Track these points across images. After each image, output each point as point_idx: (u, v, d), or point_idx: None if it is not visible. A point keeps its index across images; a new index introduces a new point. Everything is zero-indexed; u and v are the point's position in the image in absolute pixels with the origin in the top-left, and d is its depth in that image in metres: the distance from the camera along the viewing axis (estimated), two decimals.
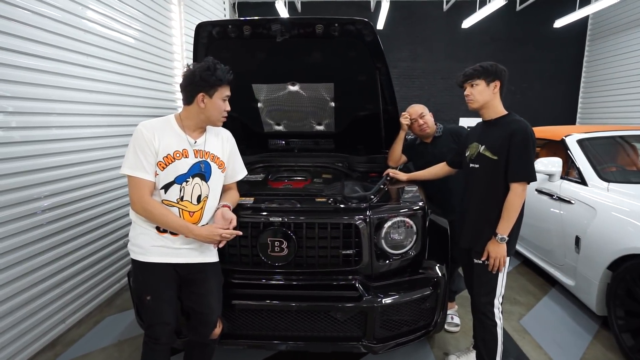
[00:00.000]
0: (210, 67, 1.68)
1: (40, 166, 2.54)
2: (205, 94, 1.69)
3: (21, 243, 2.40)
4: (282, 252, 2.03)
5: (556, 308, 3.15)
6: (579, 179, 3.16)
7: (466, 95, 2.09)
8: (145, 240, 1.73)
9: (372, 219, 2.06)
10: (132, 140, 1.67)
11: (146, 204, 1.65)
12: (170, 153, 1.69)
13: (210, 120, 1.77)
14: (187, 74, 1.69)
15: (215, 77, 1.67)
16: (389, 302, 1.98)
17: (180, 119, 1.76)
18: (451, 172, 2.46)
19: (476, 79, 2.04)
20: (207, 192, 1.79)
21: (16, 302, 2.37)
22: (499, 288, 2.07)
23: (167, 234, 1.74)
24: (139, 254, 1.74)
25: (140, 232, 1.75)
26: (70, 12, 2.76)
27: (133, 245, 1.77)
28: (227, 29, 2.32)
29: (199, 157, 1.77)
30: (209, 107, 1.72)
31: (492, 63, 2.05)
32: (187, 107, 1.75)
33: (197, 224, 1.76)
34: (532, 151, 1.97)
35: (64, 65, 2.71)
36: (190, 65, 1.72)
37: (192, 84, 1.68)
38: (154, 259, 1.73)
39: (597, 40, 7.27)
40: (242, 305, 2.01)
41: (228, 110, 1.79)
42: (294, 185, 2.61)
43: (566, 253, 3.08)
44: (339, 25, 2.26)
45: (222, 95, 1.73)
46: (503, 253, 2.00)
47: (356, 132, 3.03)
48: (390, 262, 2.13)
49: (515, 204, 1.97)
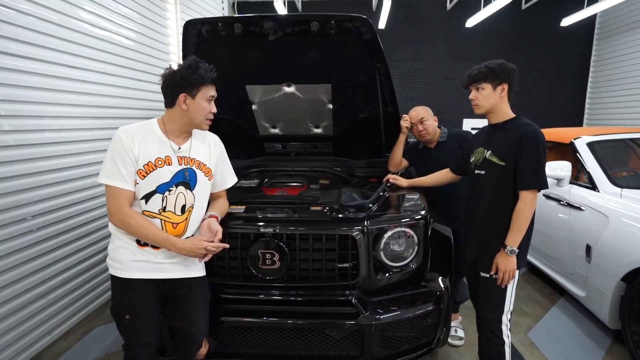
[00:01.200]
0: (191, 65, 1.56)
1: (30, 170, 2.46)
2: (187, 94, 1.57)
3: (6, 251, 2.30)
4: (274, 265, 1.90)
5: (566, 320, 3.01)
6: (589, 184, 3.01)
7: (471, 99, 1.96)
8: (125, 255, 1.61)
9: (370, 229, 1.92)
10: (110, 147, 1.55)
11: (125, 216, 1.53)
12: (151, 160, 1.57)
13: (194, 123, 1.64)
14: (168, 75, 1.58)
15: (197, 75, 1.55)
16: (388, 320, 1.85)
17: (163, 123, 1.64)
18: (455, 179, 2.33)
19: (482, 82, 1.90)
20: (193, 202, 1.67)
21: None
22: (508, 303, 1.94)
23: (148, 247, 1.61)
24: (117, 270, 1.62)
25: (119, 245, 1.62)
26: (60, 12, 2.67)
27: (112, 259, 1.64)
28: (217, 27, 2.19)
29: (183, 165, 1.64)
30: (192, 109, 1.59)
31: (500, 62, 1.91)
32: (169, 110, 1.63)
33: (181, 236, 1.64)
34: (543, 157, 1.84)
35: (54, 67, 2.62)
36: (172, 65, 1.61)
37: (173, 85, 1.56)
38: (134, 274, 1.60)
39: (605, 39, 7.09)
40: (231, 322, 1.88)
41: (214, 112, 1.66)
42: (289, 192, 2.48)
43: (576, 262, 2.93)
44: (335, 22, 2.13)
45: (205, 96, 1.60)
46: (513, 266, 1.86)
47: (355, 135, 2.90)
48: (390, 275, 2.00)
49: (525, 213, 1.83)
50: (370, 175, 2.94)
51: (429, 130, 2.58)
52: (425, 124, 2.56)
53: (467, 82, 1.95)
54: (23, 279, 2.44)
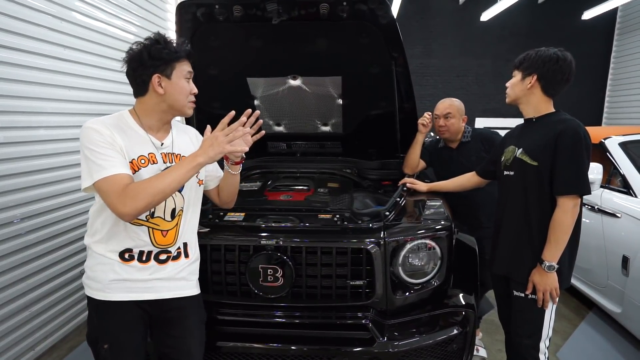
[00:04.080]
0: (159, 40, 1.32)
1: (19, 170, 2.30)
2: (161, 75, 1.32)
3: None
4: (277, 282, 1.66)
5: (597, 337, 2.73)
6: (624, 188, 2.74)
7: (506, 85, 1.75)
8: (104, 273, 1.34)
9: (387, 242, 1.67)
10: (85, 144, 1.25)
11: (136, 193, 1.20)
12: (134, 158, 1.31)
13: (176, 108, 1.38)
14: (133, 56, 1.32)
15: (169, 50, 1.31)
16: (407, 348, 1.60)
17: (137, 116, 1.38)
18: (481, 183, 2.08)
19: (515, 68, 1.73)
20: (182, 204, 1.43)
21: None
22: (547, 328, 1.68)
23: (134, 262, 1.35)
24: (95, 290, 1.36)
25: (97, 261, 1.36)
26: (51, 1, 2.48)
27: (89, 278, 1.38)
28: (214, 10, 1.95)
29: (169, 162, 1.40)
30: (171, 91, 1.34)
31: (538, 50, 1.68)
32: (141, 99, 1.38)
33: (172, 245, 1.40)
34: (586, 157, 1.60)
35: (40, 58, 2.43)
36: (132, 47, 1.34)
37: (142, 66, 1.30)
38: (116, 296, 1.35)
39: (627, 35, 6.78)
40: (228, 347, 1.63)
41: (195, 92, 1.41)
42: (294, 197, 2.23)
43: (609, 274, 2.66)
44: (347, 4, 1.87)
45: (182, 73, 1.36)
46: (554, 284, 1.61)
47: (367, 133, 2.64)
48: (410, 294, 1.74)
49: (564, 223, 1.58)
50: (383, 177, 2.69)
51: (450, 128, 2.34)
52: (450, 122, 2.33)
53: (513, 67, 1.78)
54: (4, 288, 2.24)
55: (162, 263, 1.39)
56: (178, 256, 1.43)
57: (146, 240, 1.35)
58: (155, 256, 1.38)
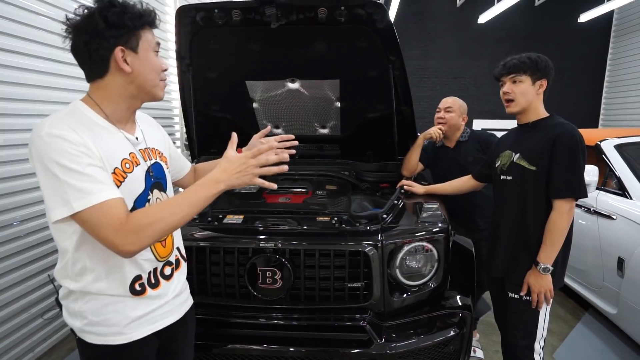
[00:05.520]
0: (114, 2, 0.99)
1: (20, 172, 2.30)
2: (124, 47, 1.00)
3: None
4: (275, 284, 1.67)
5: (593, 338, 2.76)
6: (619, 190, 2.76)
7: (504, 93, 1.72)
8: (119, 313, 1.07)
9: (384, 244, 1.69)
10: (55, 158, 0.91)
11: (137, 223, 0.94)
12: (117, 166, 1.03)
13: (146, 90, 1.08)
14: (81, 24, 0.98)
15: (131, 14, 1.00)
16: (404, 349, 1.61)
17: (98, 106, 1.05)
18: (477, 186, 2.10)
19: (521, 73, 1.67)
20: None
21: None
22: (541, 329, 1.71)
23: (149, 292, 1.12)
24: (110, 336, 1.07)
25: (103, 303, 1.06)
26: (50, 3, 2.48)
27: (93, 325, 1.06)
28: (213, 14, 1.96)
29: (149, 160, 1.16)
30: (139, 69, 1.03)
31: (542, 56, 1.69)
32: (100, 82, 1.04)
33: (170, 254, 1.21)
34: (582, 161, 1.61)
35: (39, 61, 2.43)
36: (76, 13, 0.99)
37: (97, 37, 0.97)
38: (138, 334, 1.10)
39: (623, 37, 6.81)
40: (224, 350, 1.64)
41: (166, 68, 1.12)
42: (293, 199, 2.24)
43: (605, 275, 2.68)
44: (345, 9, 1.89)
45: (150, 45, 1.06)
46: (548, 286, 1.64)
47: (365, 136, 2.65)
48: (407, 296, 1.76)
49: (560, 225, 1.60)
50: (381, 180, 2.70)
51: (448, 122, 2.41)
52: (449, 115, 2.41)
53: (504, 72, 1.71)
54: (4, 290, 2.24)
55: (169, 279, 1.20)
56: (178, 264, 1.26)
57: (150, 256, 1.14)
58: (161, 273, 1.18)
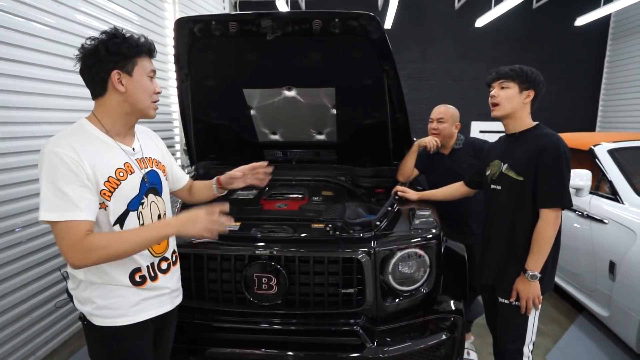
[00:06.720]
0: (117, 34, 1.23)
1: (24, 179, 2.36)
2: (120, 71, 1.22)
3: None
4: (271, 290, 1.72)
5: (586, 340, 2.80)
6: (612, 194, 2.80)
7: (492, 96, 1.77)
8: (124, 298, 1.28)
9: (377, 251, 1.73)
10: (47, 172, 1.14)
11: (87, 248, 1.13)
12: (111, 175, 1.22)
13: (138, 109, 1.28)
14: (88, 51, 1.21)
15: (129, 44, 1.22)
16: (397, 353, 1.66)
17: (99, 122, 1.27)
18: (469, 193, 2.14)
19: (510, 80, 1.72)
20: (164, 209, 1.43)
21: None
22: (530, 334, 1.75)
23: (148, 283, 1.32)
24: (115, 318, 1.27)
25: (109, 290, 1.27)
26: (48, 12, 2.53)
27: (100, 308, 1.26)
28: (211, 25, 2.01)
29: (145, 168, 1.35)
30: (132, 90, 1.24)
31: (534, 70, 1.74)
32: (101, 100, 1.26)
33: (166, 251, 1.39)
34: (567, 170, 1.65)
35: (42, 69, 2.49)
36: (86, 43, 1.22)
37: (99, 62, 1.20)
38: (139, 317, 1.30)
39: (620, 40, 6.83)
40: (220, 354, 1.69)
41: (159, 91, 1.33)
42: (289, 206, 2.29)
43: (597, 279, 2.72)
44: (339, 20, 1.94)
45: (145, 71, 1.27)
46: (536, 292, 1.68)
47: (361, 142, 2.70)
48: (399, 301, 1.80)
49: (546, 234, 1.64)
50: (376, 185, 2.75)
51: (442, 132, 2.43)
52: (442, 125, 2.43)
53: (494, 78, 1.78)
54: (6, 295, 2.29)
55: (166, 272, 1.39)
56: (176, 261, 1.46)
57: (145, 252, 1.32)
58: (158, 267, 1.37)
